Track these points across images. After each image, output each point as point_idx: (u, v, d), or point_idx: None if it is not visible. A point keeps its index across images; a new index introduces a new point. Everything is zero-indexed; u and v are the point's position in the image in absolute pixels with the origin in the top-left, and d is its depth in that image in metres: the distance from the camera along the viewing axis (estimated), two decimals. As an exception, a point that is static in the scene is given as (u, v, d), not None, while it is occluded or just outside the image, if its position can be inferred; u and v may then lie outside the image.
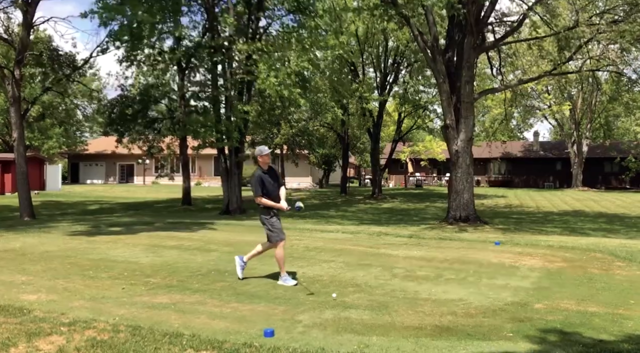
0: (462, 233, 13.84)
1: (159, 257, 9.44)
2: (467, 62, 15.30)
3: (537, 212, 23.32)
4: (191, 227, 14.62)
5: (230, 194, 20.36)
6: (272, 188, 7.23)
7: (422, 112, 31.36)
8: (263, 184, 7.14)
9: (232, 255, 9.53)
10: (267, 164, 7.27)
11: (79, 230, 13.60)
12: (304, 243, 11.31)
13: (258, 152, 7.25)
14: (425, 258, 9.37)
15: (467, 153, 15.72)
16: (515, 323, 5.36)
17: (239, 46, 17.95)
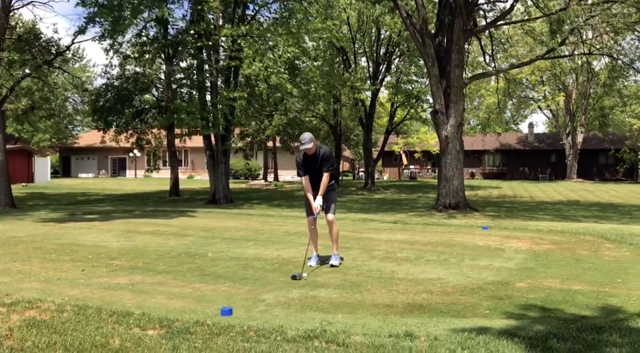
0: (451, 219, 13.47)
1: (130, 241, 9.04)
2: (456, 44, 14.89)
3: (530, 202, 22.98)
4: (171, 214, 14.22)
5: (217, 183, 19.95)
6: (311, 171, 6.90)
7: (414, 102, 30.93)
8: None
9: (208, 239, 9.19)
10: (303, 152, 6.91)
11: (54, 218, 13.19)
12: (285, 228, 10.93)
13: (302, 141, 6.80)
14: (409, 241, 9.00)
15: (456, 139, 15.34)
16: (493, 301, 4.99)
17: (223, 31, 17.50)
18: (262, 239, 9.25)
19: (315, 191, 6.84)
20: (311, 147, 6.68)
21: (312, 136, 6.83)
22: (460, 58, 15.24)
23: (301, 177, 6.85)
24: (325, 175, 6.74)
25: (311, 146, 6.68)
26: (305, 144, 6.67)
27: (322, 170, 6.76)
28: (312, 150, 6.72)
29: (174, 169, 25.73)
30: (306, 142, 6.67)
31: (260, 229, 10.74)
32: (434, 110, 15.58)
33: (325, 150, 6.88)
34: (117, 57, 23.43)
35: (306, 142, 6.68)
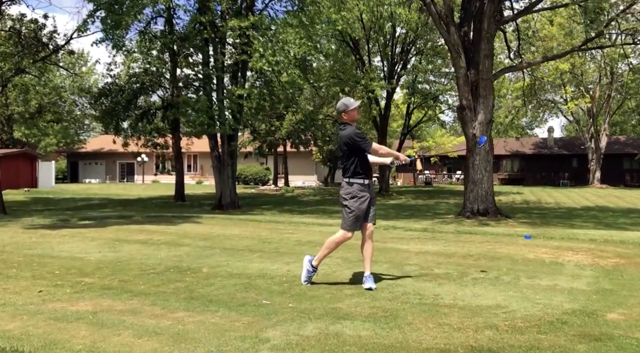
0: (483, 227, 12.00)
1: (114, 252, 7.67)
2: (487, 33, 13.45)
3: (559, 208, 21.38)
4: (172, 220, 12.86)
5: (223, 187, 18.60)
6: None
7: (432, 102, 29.44)
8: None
9: (206, 250, 7.81)
10: (355, 120, 5.49)
11: (41, 224, 11.87)
12: (296, 236, 9.51)
13: (342, 107, 5.43)
14: (444, 253, 7.55)
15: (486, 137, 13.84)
16: (589, 343, 3.55)
17: (230, 22, 16.17)
18: (269, 250, 7.85)
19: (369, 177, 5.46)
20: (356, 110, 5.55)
21: None
22: (490, 48, 13.80)
23: (369, 148, 5.27)
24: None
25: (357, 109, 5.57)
26: (354, 103, 5.47)
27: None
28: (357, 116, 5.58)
29: (180, 172, 24.42)
30: (354, 103, 5.48)
31: (268, 238, 9.34)
32: (460, 105, 14.13)
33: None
34: (121, 54, 22.21)
35: (354, 102, 5.48)
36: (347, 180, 5.37)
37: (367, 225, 5.46)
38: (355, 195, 5.32)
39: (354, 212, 5.30)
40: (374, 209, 5.49)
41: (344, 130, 5.44)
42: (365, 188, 5.37)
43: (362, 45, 29.54)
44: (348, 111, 5.42)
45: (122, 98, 23.77)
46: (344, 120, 5.48)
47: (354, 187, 5.33)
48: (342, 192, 5.47)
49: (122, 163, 51.95)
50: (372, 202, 5.46)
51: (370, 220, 5.47)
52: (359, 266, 6.34)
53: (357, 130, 5.36)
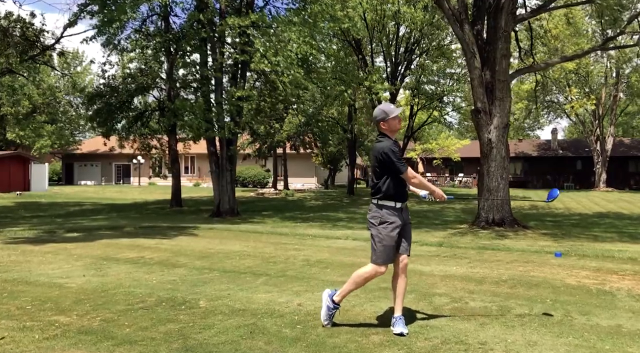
0: (503, 239, 11.15)
1: (100, 275, 6.78)
2: (504, 31, 12.60)
3: (570, 214, 20.56)
4: (166, 232, 11.96)
5: (222, 193, 17.72)
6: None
7: (437, 103, 28.58)
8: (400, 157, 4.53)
9: (204, 273, 6.92)
10: (395, 131, 4.60)
11: (28, 236, 10.94)
12: (303, 254, 8.63)
13: (380, 115, 4.51)
14: (473, 278, 6.68)
15: (502, 143, 13.03)
16: None
17: (230, 20, 15.28)
18: (275, 273, 6.97)
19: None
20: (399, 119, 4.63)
21: None
22: (507, 47, 12.95)
23: (404, 170, 4.41)
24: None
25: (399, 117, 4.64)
26: (395, 111, 4.55)
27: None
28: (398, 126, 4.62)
29: (176, 176, 23.52)
30: (396, 110, 4.56)
31: (272, 256, 8.45)
32: (475, 109, 13.27)
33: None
34: (115, 53, 21.31)
35: (396, 110, 4.56)
36: (376, 202, 4.50)
37: (400, 256, 4.57)
38: (385, 220, 4.44)
39: (383, 241, 4.43)
40: (409, 237, 4.62)
41: (379, 143, 4.53)
42: (398, 212, 4.48)
43: (364, 45, 28.70)
44: (388, 120, 4.51)
45: (115, 99, 22.85)
46: (382, 129, 4.59)
47: (384, 211, 4.45)
48: (369, 216, 4.58)
49: (118, 165, 50.99)
50: (407, 229, 4.59)
51: (405, 251, 4.58)
52: (382, 298, 5.48)
53: (394, 147, 4.45)
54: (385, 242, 4.43)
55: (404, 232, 4.54)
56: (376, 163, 4.52)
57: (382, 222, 4.44)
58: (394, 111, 4.56)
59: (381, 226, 4.44)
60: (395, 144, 4.52)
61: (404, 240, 4.56)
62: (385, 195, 4.45)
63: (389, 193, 4.45)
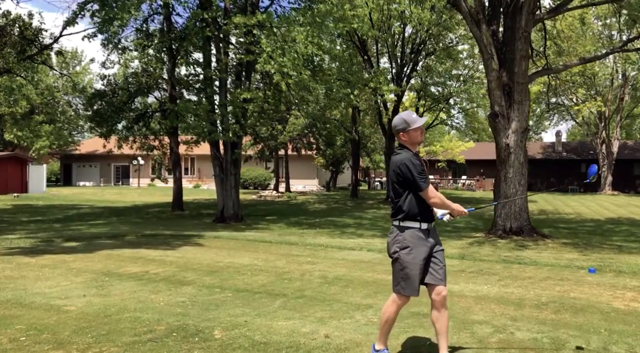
0: (524, 250, 10.60)
1: (102, 295, 6.21)
2: (524, 31, 12.04)
3: (582, 220, 20.02)
4: (170, 241, 11.38)
5: (226, 198, 17.15)
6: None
7: (444, 105, 28.03)
8: (422, 171, 3.95)
9: (215, 292, 6.36)
10: (417, 143, 4.06)
11: (20, 247, 10.35)
12: (319, 269, 8.06)
13: (401, 124, 3.99)
14: (509, 300, 6.12)
15: (520, 148, 12.50)
16: None
17: (235, 19, 14.71)
18: (293, 293, 6.40)
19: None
20: (422, 130, 4.08)
21: None
22: (527, 47, 12.41)
23: (424, 187, 3.85)
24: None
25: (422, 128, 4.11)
26: (419, 121, 4.01)
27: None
28: (421, 138, 4.07)
29: (178, 179, 22.94)
30: (420, 120, 4.02)
31: (286, 271, 7.88)
32: (492, 112, 12.72)
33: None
34: (115, 52, 20.72)
35: (420, 120, 4.02)
36: (397, 224, 3.92)
37: (435, 288, 3.97)
38: (408, 245, 3.86)
39: (407, 269, 3.85)
40: (442, 263, 4.02)
41: (397, 155, 3.98)
42: (424, 235, 3.90)
43: (369, 46, 28.16)
44: (409, 130, 3.96)
45: (116, 99, 22.29)
46: (402, 141, 4.03)
47: (407, 234, 3.87)
48: (390, 240, 3.99)
49: (117, 166, 50.36)
50: (437, 254, 3.99)
51: (440, 281, 3.96)
52: (416, 327, 4.91)
53: (414, 159, 3.88)
54: (410, 270, 3.85)
55: (433, 258, 3.96)
56: (395, 178, 3.96)
57: (405, 247, 3.86)
58: (416, 121, 3.99)
59: (404, 251, 3.85)
60: (415, 157, 3.95)
61: (435, 267, 3.96)
62: (408, 215, 3.88)
63: (413, 212, 3.88)
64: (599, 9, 23.01)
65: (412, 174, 3.83)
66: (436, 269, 3.97)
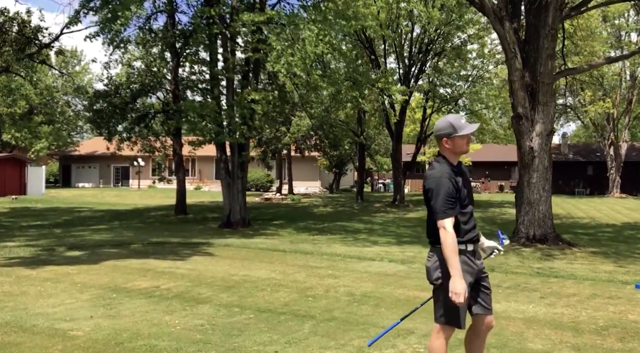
0: (553, 261, 10.02)
1: (111, 316, 5.61)
2: (551, 29, 11.46)
3: (598, 225, 19.44)
4: (178, 250, 10.78)
5: (233, 202, 16.55)
6: (466, 201, 3.45)
7: (453, 106, 27.43)
8: (456, 194, 3.35)
9: (235, 313, 5.75)
10: (461, 153, 3.50)
11: (19, 257, 9.73)
12: (343, 284, 7.46)
13: (446, 128, 3.41)
14: (562, 323, 5.52)
15: (545, 151, 11.91)
16: None
17: (243, 16, 14.11)
18: (321, 314, 5.79)
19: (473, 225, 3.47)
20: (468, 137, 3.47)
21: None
22: (553, 46, 11.83)
23: (441, 217, 3.27)
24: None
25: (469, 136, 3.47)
26: (468, 128, 3.43)
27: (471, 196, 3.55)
28: (466, 147, 3.47)
29: (181, 181, 22.33)
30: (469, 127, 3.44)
31: (308, 286, 7.28)
32: (515, 114, 12.13)
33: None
34: (118, 51, 20.12)
35: (469, 127, 3.45)
36: (437, 246, 3.34)
37: (484, 318, 3.45)
38: None
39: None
40: (489, 290, 3.48)
41: (432, 169, 3.42)
42: (469, 258, 3.37)
43: (376, 46, 27.58)
44: (454, 137, 3.38)
45: (118, 99, 21.67)
46: (444, 149, 3.43)
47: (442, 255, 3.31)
48: (430, 264, 3.41)
49: (117, 167, 49.73)
50: (483, 279, 3.46)
51: (487, 311, 3.45)
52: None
53: (449, 178, 3.30)
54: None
55: (481, 284, 3.43)
56: (424, 195, 3.41)
57: (449, 274, 3.26)
58: (465, 127, 3.39)
59: (447, 277, 3.28)
60: (453, 172, 3.36)
61: (483, 295, 3.44)
62: None
63: (458, 232, 3.32)
64: (612, 8, 22.45)
65: (437, 197, 3.27)
66: (484, 297, 3.46)
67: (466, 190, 3.44)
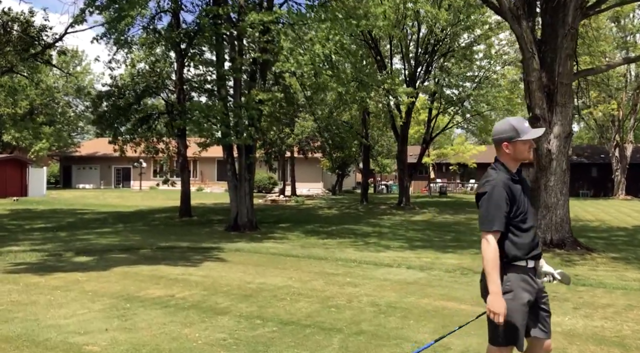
0: (575, 267, 9.74)
1: (127, 329, 5.32)
2: (571, 28, 11.18)
3: (609, 228, 19.16)
4: (189, 255, 10.48)
5: (240, 205, 16.25)
6: (526, 213, 3.14)
7: (460, 107, 27.17)
8: (513, 203, 3.07)
9: (257, 326, 5.45)
10: (523, 160, 3.19)
11: (27, 263, 9.41)
12: (365, 293, 7.17)
13: (508, 131, 3.13)
14: (606, 338, 5.22)
15: (563, 154, 11.65)
16: None
17: (251, 16, 13.82)
18: (348, 327, 5.50)
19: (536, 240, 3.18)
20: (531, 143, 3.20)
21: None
22: (573, 46, 11.56)
23: (486, 228, 3.00)
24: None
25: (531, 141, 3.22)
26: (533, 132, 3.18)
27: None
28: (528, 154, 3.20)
29: (186, 183, 22.02)
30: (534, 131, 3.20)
31: (328, 295, 6.99)
32: (532, 116, 11.86)
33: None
34: (122, 52, 19.81)
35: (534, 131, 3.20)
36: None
37: (542, 343, 3.17)
38: (512, 288, 3.02)
39: (511, 318, 2.98)
40: (549, 312, 3.20)
41: (488, 177, 3.14)
42: (530, 275, 3.08)
43: (381, 46, 27.31)
44: (516, 142, 3.10)
45: (122, 101, 21.36)
46: (503, 153, 3.15)
47: (511, 276, 3.04)
48: (483, 281, 3.12)
49: (118, 168, 49.41)
50: (544, 300, 3.19)
51: (546, 334, 3.17)
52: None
53: (505, 187, 3.02)
54: (516, 320, 2.99)
55: (541, 305, 3.16)
56: (477, 203, 3.14)
57: (508, 291, 3.00)
58: (528, 132, 3.11)
59: (507, 297, 2.98)
60: (513, 180, 3.08)
61: (541, 317, 3.16)
62: (509, 253, 3.04)
63: (514, 248, 3.04)
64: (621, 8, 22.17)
65: (486, 206, 3.01)
66: (543, 320, 3.18)
67: (526, 201, 3.16)
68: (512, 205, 3.05)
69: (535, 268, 3.15)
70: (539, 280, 3.20)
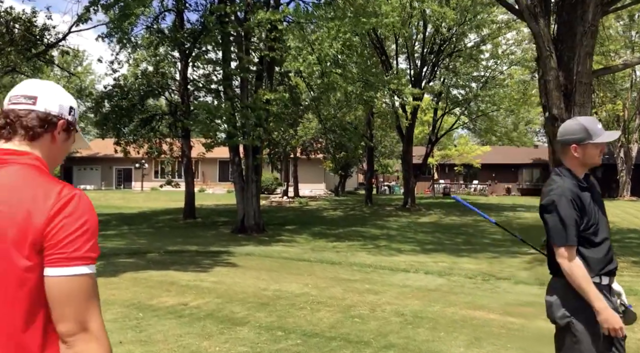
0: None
1: (143, 342, 5.01)
2: (591, 25, 10.87)
3: (620, 230, 18.81)
4: (198, 260, 10.17)
5: (247, 207, 15.95)
6: (598, 224, 2.79)
7: (466, 107, 26.88)
8: (583, 213, 2.73)
9: (280, 339, 5.13)
10: (592, 165, 2.85)
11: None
12: (387, 301, 6.86)
13: (579, 132, 2.75)
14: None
15: (581, 155, 11.27)
16: None
17: (259, 15, 13.52)
18: (375, 340, 5.19)
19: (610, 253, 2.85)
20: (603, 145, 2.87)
21: None
22: (592, 44, 11.24)
23: (560, 243, 2.65)
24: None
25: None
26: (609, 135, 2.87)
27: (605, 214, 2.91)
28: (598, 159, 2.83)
29: (189, 184, 21.71)
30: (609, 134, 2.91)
31: (349, 304, 6.68)
32: (550, 115, 11.54)
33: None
34: (125, 51, 19.52)
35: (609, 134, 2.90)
36: (565, 281, 2.67)
37: None
38: (585, 309, 2.63)
39: (583, 343, 2.63)
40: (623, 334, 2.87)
41: (552, 184, 2.77)
42: (603, 294, 2.70)
43: (387, 46, 27.01)
44: (587, 144, 2.73)
45: (125, 101, 21.04)
46: (570, 157, 2.78)
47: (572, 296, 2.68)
48: (553, 300, 2.77)
49: (119, 168, 49.15)
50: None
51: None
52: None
53: (571, 197, 2.66)
54: (590, 345, 2.63)
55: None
56: (541, 216, 2.81)
57: (579, 311, 2.65)
58: (601, 134, 2.75)
59: (579, 318, 2.64)
60: (580, 188, 2.73)
61: (619, 341, 2.76)
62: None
63: (586, 264, 2.68)
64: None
65: (553, 219, 2.67)
66: (621, 342, 2.82)
67: (597, 210, 2.83)
68: (582, 216, 2.73)
69: (610, 285, 2.83)
70: (614, 298, 2.88)
